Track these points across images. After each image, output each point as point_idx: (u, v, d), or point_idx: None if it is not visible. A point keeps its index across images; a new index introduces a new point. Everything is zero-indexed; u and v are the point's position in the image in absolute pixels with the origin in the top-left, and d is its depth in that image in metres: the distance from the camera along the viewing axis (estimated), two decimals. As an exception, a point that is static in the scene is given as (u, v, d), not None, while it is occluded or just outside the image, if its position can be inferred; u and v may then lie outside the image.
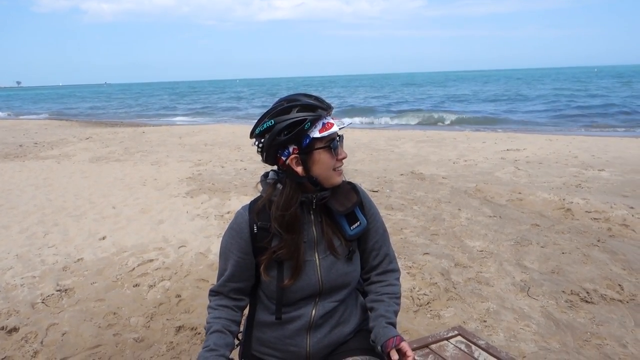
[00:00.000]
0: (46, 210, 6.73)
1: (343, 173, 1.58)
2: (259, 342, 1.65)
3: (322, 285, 1.56)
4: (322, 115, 1.50)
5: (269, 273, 1.54)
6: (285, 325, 1.58)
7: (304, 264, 1.55)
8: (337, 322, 1.61)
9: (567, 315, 3.57)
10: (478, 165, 9.46)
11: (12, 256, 4.98)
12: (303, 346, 1.58)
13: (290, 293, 1.55)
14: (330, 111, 1.53)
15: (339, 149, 1.54)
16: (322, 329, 1.59)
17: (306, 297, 1.57)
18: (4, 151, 13.46)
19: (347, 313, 1.65)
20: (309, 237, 1.57)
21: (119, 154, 12.21)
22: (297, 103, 1.49)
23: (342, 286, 1.60)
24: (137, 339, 3.43)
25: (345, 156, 1.55)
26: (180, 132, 18.06)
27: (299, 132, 1.46)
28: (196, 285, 4.24)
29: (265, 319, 1.62)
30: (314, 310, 1.57)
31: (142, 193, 7.66)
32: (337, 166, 1.54)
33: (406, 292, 3.98)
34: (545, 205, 6.34)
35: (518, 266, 4.47)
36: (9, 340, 3.42)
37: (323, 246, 1.57)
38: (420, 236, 5.31)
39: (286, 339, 1.58)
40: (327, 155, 1.51)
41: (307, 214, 1.58)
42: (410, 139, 14.24)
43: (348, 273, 1.59)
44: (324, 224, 1.58)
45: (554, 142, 12.42)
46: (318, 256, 1.56)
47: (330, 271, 1.56)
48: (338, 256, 1.57)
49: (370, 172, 8.90)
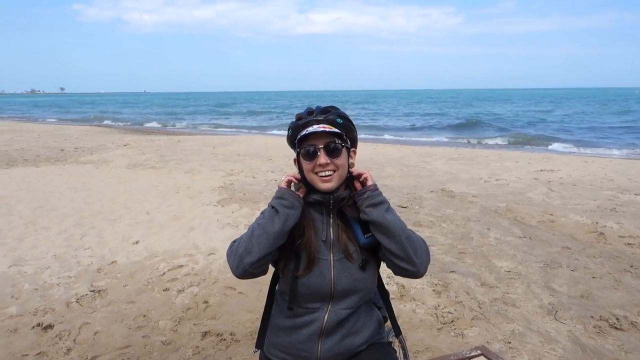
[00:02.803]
0: (84, 213, 6.98)
1: (335, 181, 1.64)
2: (273, 345, 1.72)
3: (335, 286, 1.62)
4: (299, 124, 1.66)
5: (287, 265, 1.65)
6: (299, 330, 1.64)
7: (319, 261, 1.62)
8: (348, 331, 1.66)
9: (595, 341, 3.51)
10: (510, 185, 9.35)
11: (50, 256, 5.19)
12: (314, 352, 1.64)
13: (303, 287, 1.62)
14: (311, 118, 1.65)
15: (319, 156, 1.60)
16: (333, 337, 1.64)
17: (319, 299, 1.63)
18: (46, 155, 13.97)
19: (359, 324, 1.69)
20: (326, 238, 1.64)
21: (155, 162, 12.53)
22: (296, 115, 1.71)
23: (354, 291, 1.65)
24: (165, 341, 3.54)
25: (323, 162, 1.60)
26: (214, 142, 18.40)
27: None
28: (223, 292, 4.33)
29: (280, 323, 1.69)
30: (326, 316, 1.62)
31: (174, 200, 7.86)
32: (318, 171, 1.62)
33: (430, 310, 3.98)
34: (578, 228, 6.23)
35: (546, 289, 4.41)
36: (44, 337, 3.57)
37: (338, 249, 1.64)
38: (447, 254, 5.29)
39: (298, 344, 1.65)
40: (304, 160, 1.64)
41: (325, 215, 1.65)
42: (442, 156, 14.16)
43: (361, 280, 1.64)
44: (340, 228, 1.65)
45: (589, 164, 12.15)
46: (333, 257, 1.63)
47: (343, 273, 1.62)
48: (352, 260, 1.63)
49: (400, 188, 8.90)
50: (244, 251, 1.55)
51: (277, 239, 1.55)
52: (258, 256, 1.54)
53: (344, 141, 1.64)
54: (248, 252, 1.54)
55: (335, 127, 1.62)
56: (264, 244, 1.53)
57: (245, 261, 1.54)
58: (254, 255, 1.53)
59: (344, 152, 1.63)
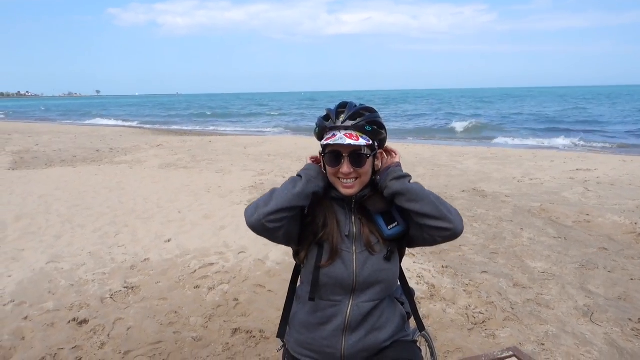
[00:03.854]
0: (118, 212, 7.14)
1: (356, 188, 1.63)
2: (297, 343, 1.72)
3: (357, 278, 1.62)
4: (326, 126, 1.64)
5: (309, 255, 1.65)
6: (322, 327, 1.64)
7: (342, 252, 1.63)
8: (372, 327, 1.65)
9: (633, 344, 3.39)
10: (544, 185, 9.14)
11: (85, 253, 5.33)
12: (338, 348, 1.64)
13: (325, 277, 1.61)
14: (338, 123, 1.62)
15: (343, 164, 1.59)
16: (357, 333, 1.63)
17: (341, 291, 1.63)
18: (82, 155, 14.36)
19: (383, 319, 1.68)
20: (349, 232, 1.64)
21: (187, 162, 12.72)
22: (326, 110, 1.68)
23: (376, 282, 1.64)
24: (196, 338, 3.58)
25: (347, 172, 1.59)
26: (245, 142, 18.58)
27: (317, 135, 1.69)
28: (253, 290, 4.36)
29: (303, 319, 1.69)
30: (349, 310, 1.62)
31: (206, 199, 7.96)
32: (341, 177, 1.62)
33: (461, 310, 3.92)
34: (615, 229, 6.04)
35: (582, 290, 4.29)
36: (80, 331, 3.67)
37: (361, 242, 1.64)
38: (479, 254, 5.20)
39: (323, 340, 1.65)
40: (328, 164, 1.63)
41: (347, 211, 1.65)
42: (474, 155, 13.94)
43: (383, 270, 1.64)
44: (362, 223, 1.64)
45: (628, 164, 11.77)
46: (355, 250, 1.64)
47: (365, 265, 1.62)
48: (374, 253, 1.63)
49: (431, 188, 8.72)
50: (263, 202, 1.57)
51: (297, 197, 1.56)
52: (275, 208, 1.54)
53: (371, 149, 1.62)
54: (266, 203, 1.56)
55: (363, 134, 1.60)
56: (283, 199, 1.55)
57: (262, 210, 1.55)
58: (271, 206, 1.54)
59: (369, 160, 1.62)
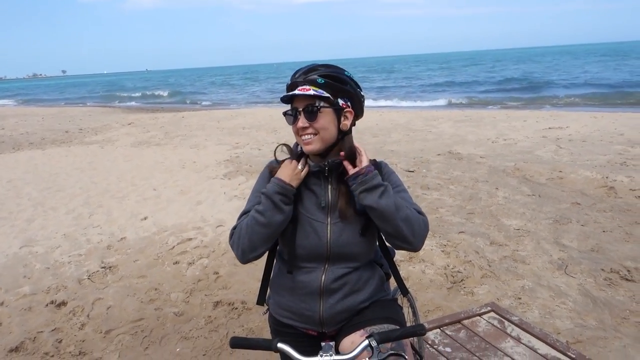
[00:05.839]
0: (91, 193, 7.00)
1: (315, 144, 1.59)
2: (279, 305, 1.72)
3: (330, 249, 1.60)
4: (288, 84, 1.62)
5: (285, 228, 1.64)
6: (299, 290, 1.64)
7: (316, 223, 1.61)
8: (350, 289, 1.65)
9: (606, 293, 3.49)
10: (518, 144, 9.25)
11: (59, 235, 5.23)
12: (316, 311, 1.64)
13: (299, 248, 1.61)
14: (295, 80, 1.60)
15: (298, 119, 1.56)
16: (335, 295, 1.63)
17: (315, 260, 1.62)
18: (51, 137, 14.00)
19: (361, 282, 1.67)
20: (325, 202, 1.61)
21: (160, 139, 12.52)
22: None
23: (351, 256, 1.63)
24: (177, 313, 3.57)
25: (301, 126, 1.56)
26: (219, 116, 18.32)
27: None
28: (233, 263, 4.35)
29: (283, 282, 1.69)
30: (323, 276, 1.61)
31: (181, 175, 7.86)
32: (300, 134, 1.58)
33: (440, 270, 3.98)
34: (587, 184, 6.17)
35: (556, 244, 4.39)
36: (58, 314, 3.62)
37: (336, 213, 1.61)
38: (455, 215, 5.26)
39: (301, 304, 1.65)
40: (288, 122, 1.62)
41: (324, 180, 1.62)
42: (449, 118, 14.01)
43: (358, 243, 1.62)
44: (339, 192, 1.62)
45: (598, 120, 11.98)
46: (330, 221, 1.61)
47: (340, 237, 1.60)
48: (349, 224, 1.60)
49: (407, 153, 8.83)
50: (248, 248, 1.59)
51: (279, 231, 1.60)
52: (262, 250, 1.61)
53: (329, 103, 1.58)
54: (252, 249, 1.59)
55: (316, 87, 1.56)
56: (266, 238, 1.59)
57: (251, 256, 1.60)
58: (258, 251, 1.60)
59: (327, 113, 1.56)
